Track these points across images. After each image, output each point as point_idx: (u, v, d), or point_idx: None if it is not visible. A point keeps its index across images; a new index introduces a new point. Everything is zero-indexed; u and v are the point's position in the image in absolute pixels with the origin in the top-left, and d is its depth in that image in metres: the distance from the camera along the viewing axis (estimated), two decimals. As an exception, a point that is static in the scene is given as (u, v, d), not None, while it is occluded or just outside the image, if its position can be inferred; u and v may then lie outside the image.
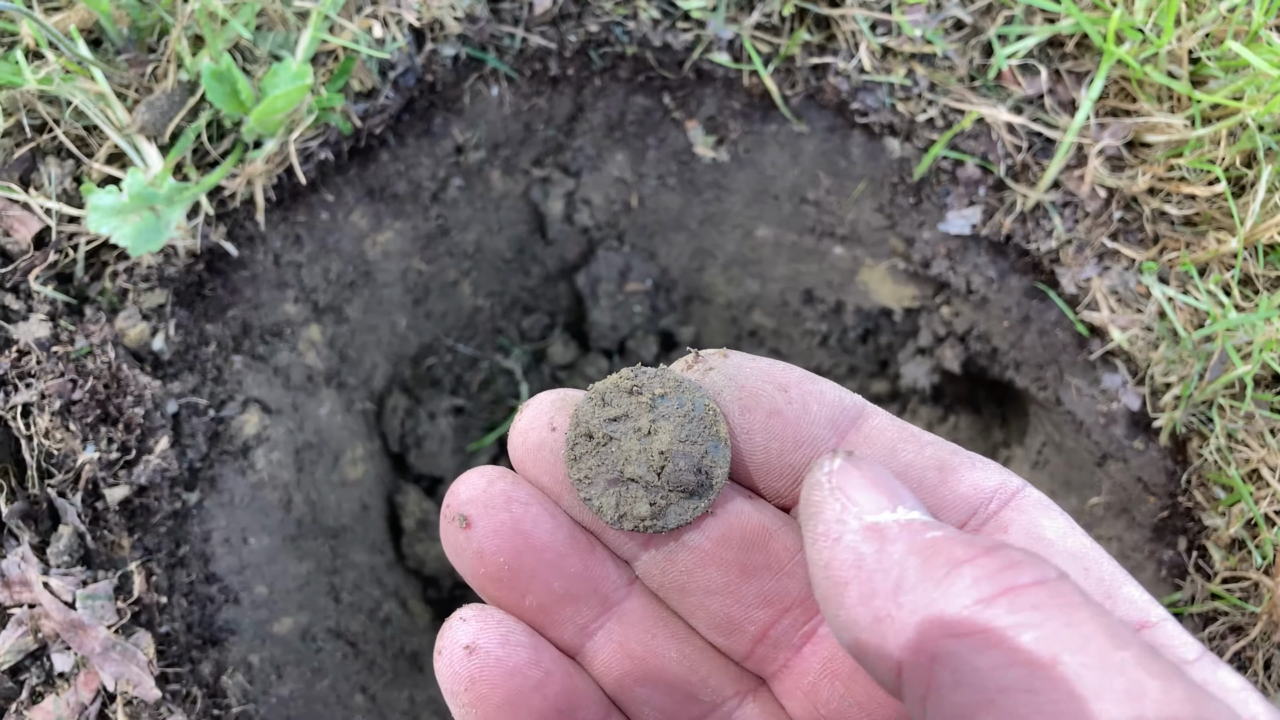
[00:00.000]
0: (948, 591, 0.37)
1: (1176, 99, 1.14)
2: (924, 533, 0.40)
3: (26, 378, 1.01)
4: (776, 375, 0.50)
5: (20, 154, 1.06)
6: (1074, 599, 0.36)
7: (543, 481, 0.52)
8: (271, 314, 1.23)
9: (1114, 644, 0.34)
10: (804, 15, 1.19)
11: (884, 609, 0.40)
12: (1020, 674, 0.35)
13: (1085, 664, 0.34)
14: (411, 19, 1.13)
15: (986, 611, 0.36)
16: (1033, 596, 0.36)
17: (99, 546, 1.04)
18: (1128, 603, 0.45)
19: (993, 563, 0.37)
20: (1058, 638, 0.35)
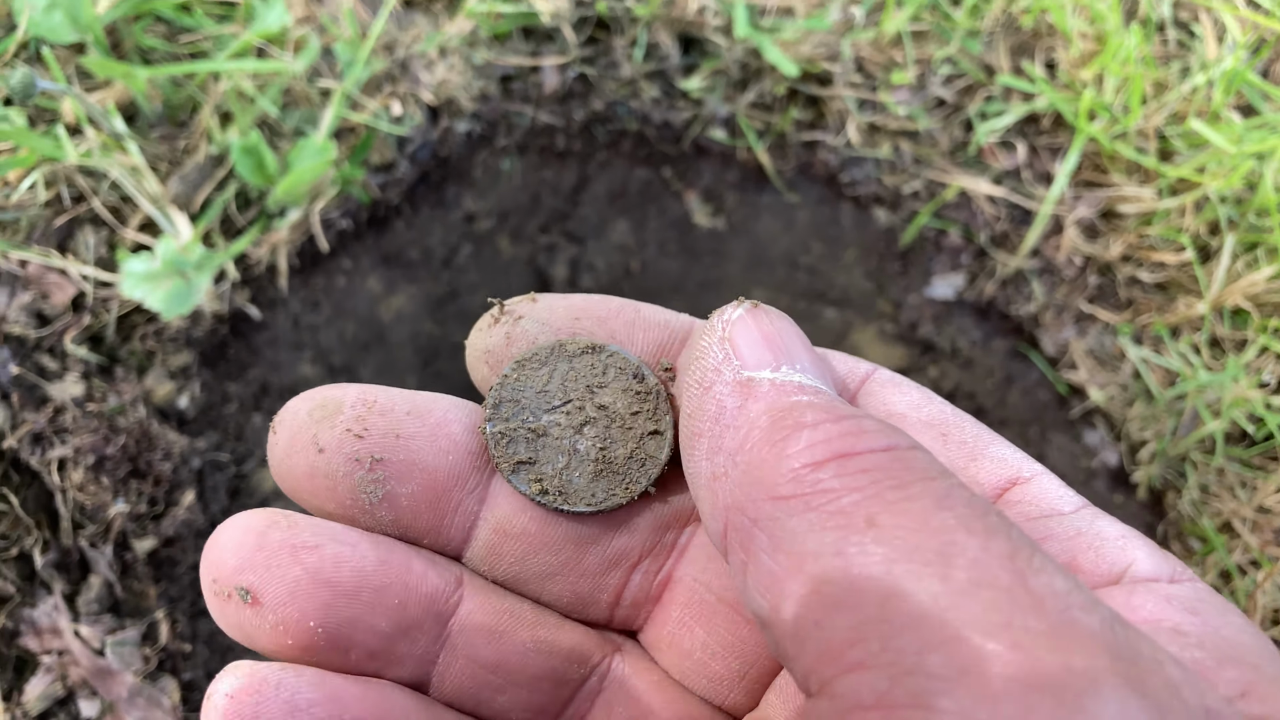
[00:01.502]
0: (782, 453, 0.35)
1: (1145, 172, 1.22)
2: (790, 395, 0.37)
3: (62, 433, 1.06)
4: (593, 308, 0.47)
5: (59, 223, 1.13)
6: (913, 465, 0.33)
7: (326, 508, 0.45)
8: (290, 374, 1.29)
9: (937, 506, 0.32)
10: (795, 94, 1.27)
11: (722, 466, 0.38)
12: (832, 538, 0.32)
13: (900, 526, 0.31)
14: (428, 98, 1.21)
15: (812, 475, 0.34)
16: (865, 462, 0.33)
17: (127, 596, 1.09)
18: (995, 461, 0.42)
19: (836, 428, 0.35)
20: (878, 500, 0.32)
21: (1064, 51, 1.23)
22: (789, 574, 0.33)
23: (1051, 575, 0.30)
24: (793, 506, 0.34)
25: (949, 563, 0.30)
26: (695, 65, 1.26)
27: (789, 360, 0.39)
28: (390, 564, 0.44)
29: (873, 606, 0.30)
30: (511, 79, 1.25)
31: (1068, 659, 0.28)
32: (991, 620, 0.29)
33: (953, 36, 1.24)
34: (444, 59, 1.21)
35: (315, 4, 1.21)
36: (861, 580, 0.31)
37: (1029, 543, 0.31)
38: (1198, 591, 0.36)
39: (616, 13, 1.24)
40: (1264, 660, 0.33)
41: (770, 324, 0.40)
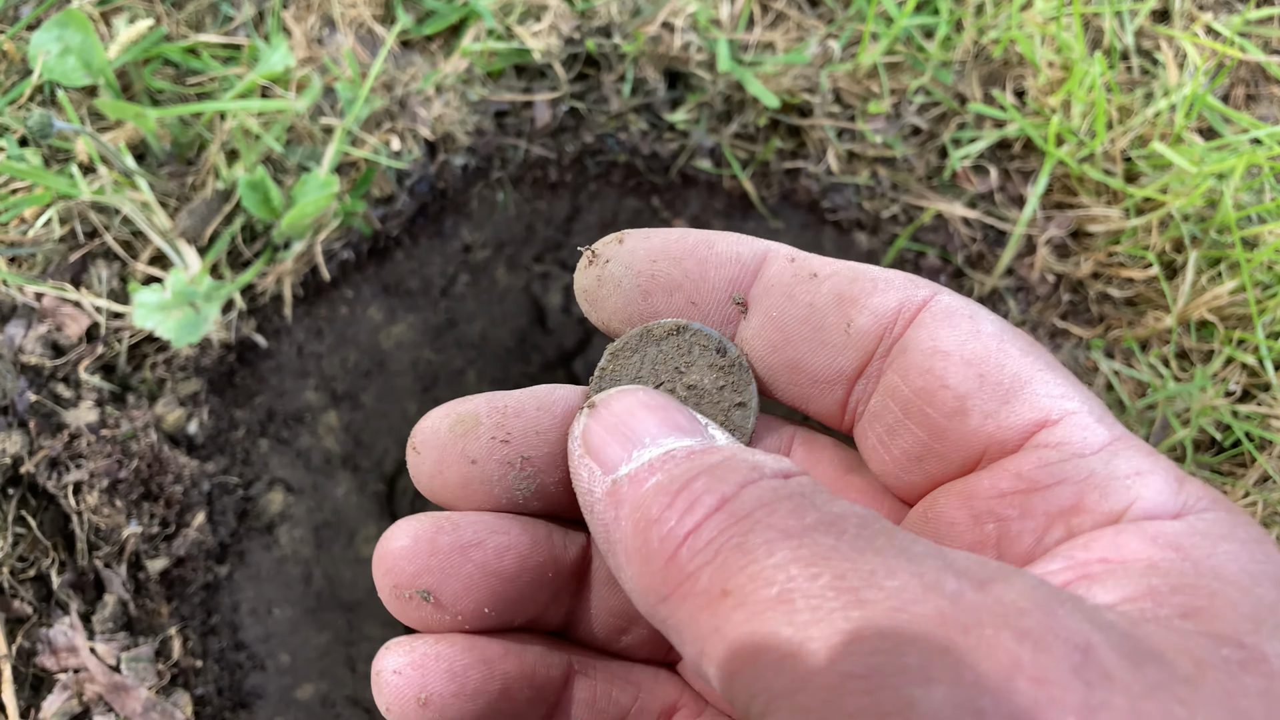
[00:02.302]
0: (648, 563, 0.37)
1: (1112, 193, 1.27)
2: (641, 486, 0.39)
3: (78, 458, 1.11)
4: (671, 248, 0.48)
5: (74, 258, 1.18)
6: (747, 513, 0.34)
7: (483, 509, 0.49)
8: (294, 401, 1.34)
9: (769, 551, 0.33)
10: (777, 125, 1.33)
11: (626, 584, 0.39)
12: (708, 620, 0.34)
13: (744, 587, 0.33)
14: (426, 133, 1.26)
15: (673, 569, 0.35)
16: (707, 531, 0.35)
17: (140, 614, 1.12)
18: (1027, 403, 0.41)
19: (676, 509, 0.36)
20: (724, 569, 0.34)
21: (1032, 80, 1.29)
22: (699, 660, 0.35)
23: (884, 578, 0.31)
24: (672, 605, 0.36)
25: (791, 604, 0.31)
26: (681, 99, 1.32)
27: (635, 444, 0.41)
28: (540, 543, 0.49)
29: (747, 664, 0.32)
30: (505, 114, 1.31)
31: (881, 660, 0.29)
32: (831, 643, 0.30)
33: (926, 67, 1.30)
34: (440, 96, 1.27)
35: (317, 45, 1.26)
36: (736, 646, 0.33)
37: (867, 544, 0.33)
38: (1194, 526, 0.36)
39: (605, 50, 1.29)
40: (1233, 589, 0.34)
41: (611, 415, 0.42)
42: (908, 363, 0.44)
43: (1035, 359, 0.42)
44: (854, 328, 0.45)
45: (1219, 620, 0.32)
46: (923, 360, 0.43)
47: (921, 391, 0.43)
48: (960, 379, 0.42)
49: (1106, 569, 0.35)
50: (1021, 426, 0.41)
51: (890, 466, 0.46)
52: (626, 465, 0.40)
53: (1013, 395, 0.41)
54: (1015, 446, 0.42)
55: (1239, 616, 0.32)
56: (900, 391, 0.44)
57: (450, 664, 0.46)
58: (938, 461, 0.44)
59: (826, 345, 0.46)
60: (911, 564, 0.32)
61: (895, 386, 0.44)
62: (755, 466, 0.37)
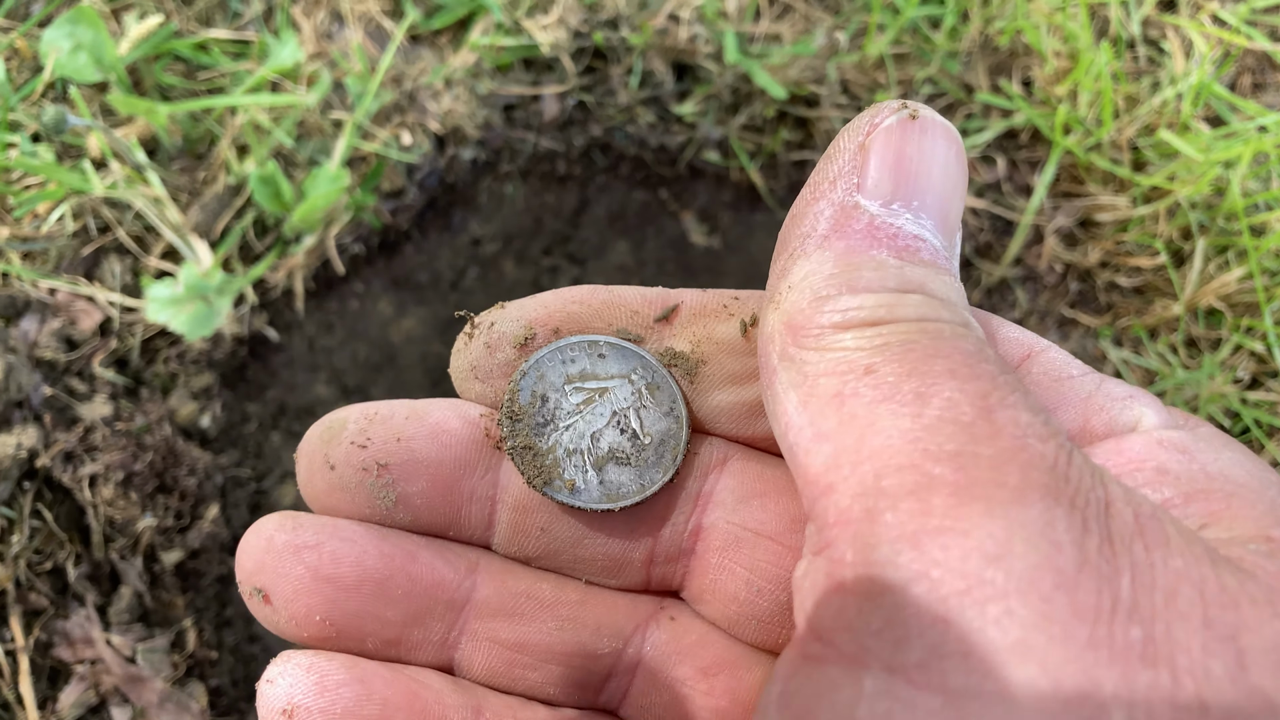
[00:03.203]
0: (819, 309, 0.37)
1: (1120, 182, 1.27)
2: (873, 246, 0.38)
3: (93, 451, 1.11)
4: (562, 301, 0.49)
5: (86, 252, 1.19)
6: (933, 330, 0.36)
7: (340, 509, 0.48)
8: (306, 395, 1.34)
9: (931, 355, 0.35)
10: (784, 116, 1.33)
11: (781, 290, 0.39)
12: (834, 383, 0.35)
13: (891, 372, 0.34)
14: (435, 127, 1.27)
15: (834, 335, 0.36)
16: (887, 330, 0.36)
17: (156, 606, 1.13)
18: (1008, 342, 0.43)
19: (876, 300, 0.36)
20: (880, 353, 0.35)
21: (1039, 69, 1.29)
22: (796, 408, 0.36)
23: (1018, 410, 0.33)
24: (809, 358, 0.36)
25: (924, 402, 0.33)
26: (688, 91, 1.33)
27: (906, 197, 0.38)
28: (392, 556, 0.47)
29: (851, 438, 0.34)
30: (514, 108, 1.31)
31: (1003, 477, 0.31)
32: (945, 449, 0.32)
33: (933, 58, 1.30)
34: (449, 90, 1.27)
35: (326, 40, 1.27)
36: (847, 416, 0.34)
37: (1011, 383, 0.34)
38: (1197, 435, 0.38)
39: (612, 43, 1.30)
40: (1247, 490, 0.35)
41: (914, 146, 0.38)
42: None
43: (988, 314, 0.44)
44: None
45: (1239, 523, 0.33)
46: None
47: None
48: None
49: (1118, 475, 0.36)
50: (1014, 356, 0.42)
51: None
52: (882, 206, 0.38)
53: (992, 335, 0.43)
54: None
55: (1259, 514, 0.33)
56: None
57: (321, 679, 0.45)
58: None
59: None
60: (1045, 416, 0.34)
61: None
62: (965, 321, 0.37)
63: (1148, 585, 0.29)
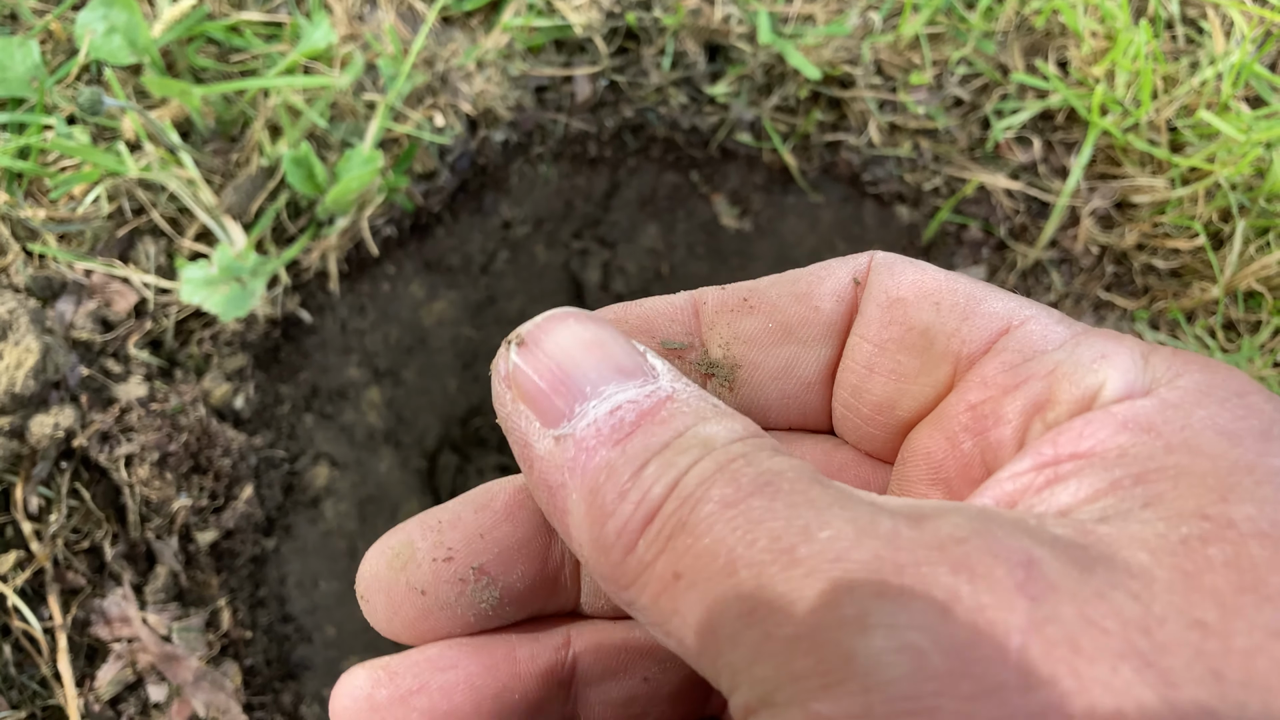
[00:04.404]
0: (607, 556, 0.36)
1: (1157, 163, 1.26)
2: (593, 458, 0.36)
3: (128, 432, 1.12)
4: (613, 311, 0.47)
5: (121, 234, 1.19)
6: (692, 494, 0.34)
7: (454, 635, 0.46)
8: (338, 377, 1.35)
9: (708, 531, 0.33)
10: (818, 97, 1.32)
11: (584, 559, 0.38)
12: (666, 605, 0.34)
13: (692, 568, 0.33)
14: (467, 109, 1.26)
15: (632, 560, 0.35)
16: (661, 522, 0.34)
17: (191, 585, 1.14)
18: (986, 316, 0.41)
19: (630, 500, 0.35)
20: (671, 554, 0.34)
21: (1075, 50, 1.28)
22: (666, 642, 0.35)
23: (818, 530, 0.31)
24: (634, 592, 0.35)
25: (735, 576, 0.31)
26: (721, 71, 1.32)
27: (577, 396, 0.37)
28: (497, 666, 0.44)
29: (708, 643, 0.32)
30: (545, 89, 1.31)
31: (820, 616, 0.29)
32: (775, 607, 0.30)
33: (968, 38, 1.29)
34: (482, 71, 1.27)
35: (358, 22, 1.27)
36: (695, 626, 0.33)
37: (801, 499, 0.32)
38: (1166, 401, 0.35)
39: (645, 23, 1.29)
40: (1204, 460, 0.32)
41: (546, 359, 0.38)
42: (866, 320, 0.44)
43: (986, 285, 0.42)
44: (822, 314, 0.44)
45: (1182, 499, 0.31)
46: (880, 313, 0.43)
47: (886, 342, 0.43)
48: (918, 314, 0.42)
49: (1074, 466, 0.34)
50: (983, 338, 0.41)
51: (864, 427, 0.46)
52: (569, 424, 0.37)
53: (970, 312, 0.41)
54: (977, 358, 0.41)
55: (1205, 489, 0.31)
56: (862, 350, 0.44)
57: None
58: (910, 402, 0.43)
59: (807, 343, 0.45)
60: (845, 511, 0.31)
61: (856, 347, 0.44)
62: (705, 442, 0.35)
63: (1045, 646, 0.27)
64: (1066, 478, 0.34)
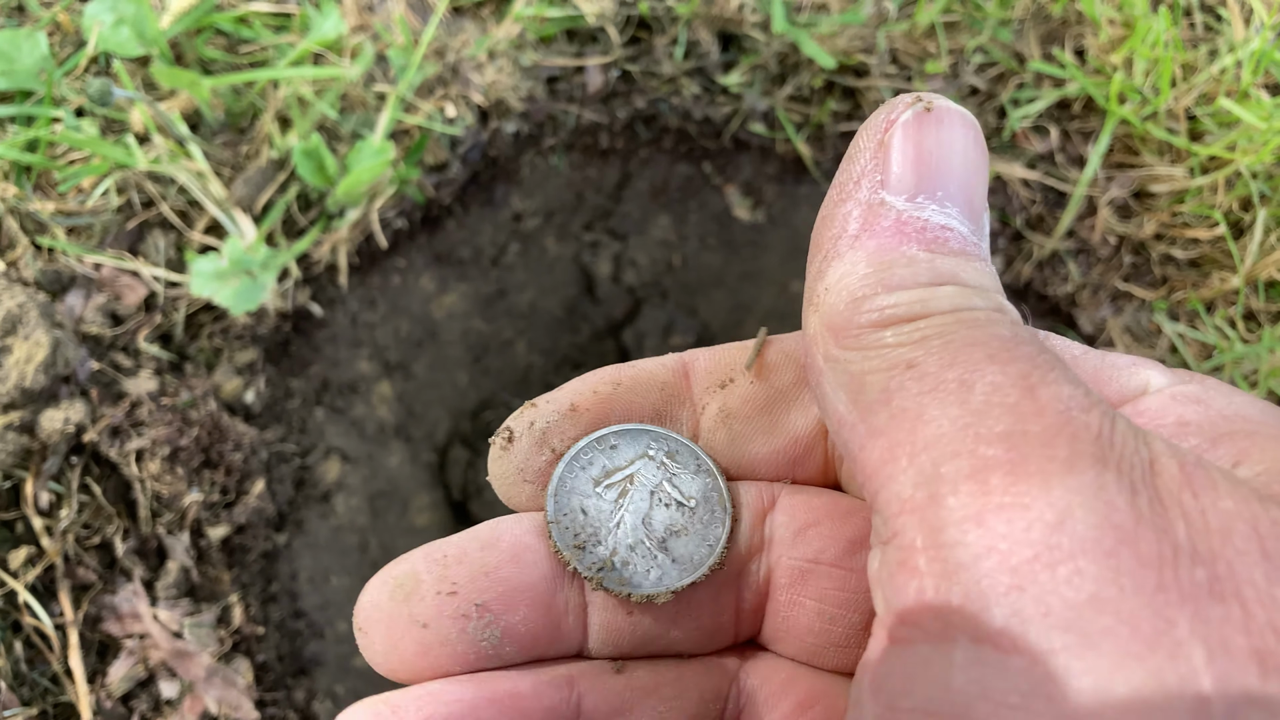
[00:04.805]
0: (857, 309, 0.37)
1: (1176, 152, 1.25)
2: (903, 241, 0.38)
3: (139, 426, 1.11)
4: (585, 388, 0.49)
5: (130, 227, 1.18)
6: (970, 319, 0.36)
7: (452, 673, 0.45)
8: (348, 371, 1.34)
9: (969, 343, 0.35)
10: (832, 87, 1.31)
11: (819, 295, 0.40)
12: (879, 380, 0.36)
13: (932, 363, 0.35)
14: (479, 99, 1.25)
15: (874, 334, 0.37)
16: (925, 324, 0.36)
17: (202, 581, 1.13)
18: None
19: (910, 296, 0.37)
20: (920, 347, 0.36)
21: (1093, 37, 1.26)
22: (847, 407, 0.37)
23: (1059, 385, 0.33)
24: (852, 358, 0.37)
25: (969, 389, 0.34)
26: (734, 61, 1.31)
27: (931, 189, 0.39)
28: (501, 702, 0.44)
29: (903, 431, 0.35)
30: (557, 80, 1.30)
31: (1053, 450, 0.32)
32: (995, 431, 0.33)
33: (984, 26, 1.27)
34: (493, 62, 1.26)
35: (368, 13, 1.26)
36: (897, 411, 0.35)
37: (1049, 361, 0.35)
38: (1206, 385, 0.39)
39: (658, 12, 1.28)
40: (1266, 427, 0.36)
41: (933, 138, 0.39)
42: None
43: None
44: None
45: (1266, 456, 0.34)
46: None
47: None
48: None
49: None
50: None
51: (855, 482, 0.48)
52: (907, 200, 0.39)
53: None
54: None
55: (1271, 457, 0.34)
56: None
57: None
58: None
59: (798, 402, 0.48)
60: (1084, 388, 0.34)
61: None
62: (1000, 305, 0.38)
63: (1202, 529, 0.30)
64: None
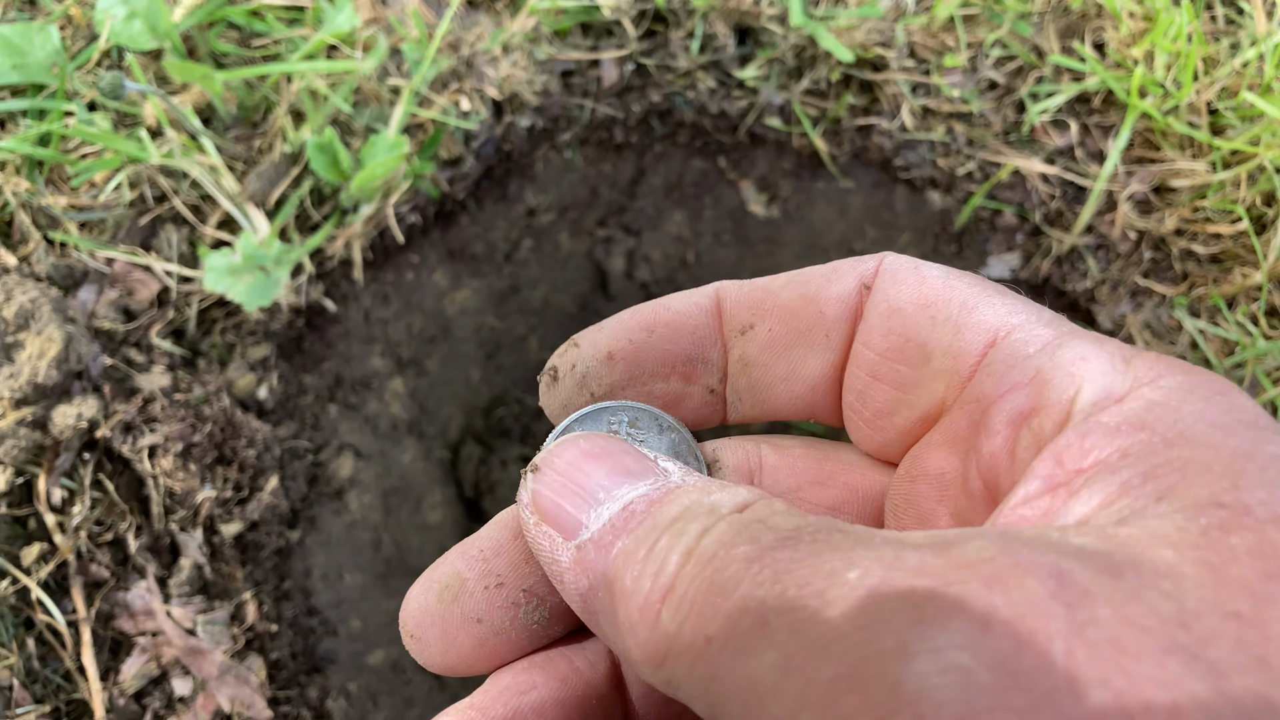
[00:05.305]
0: (644, 648, 0.35)
1: (1198, 146, 1.23)
2: (612, 565, 0.37)
3: (152, 422, 1.10)
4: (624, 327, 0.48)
5: (143, 222, 1.17)
6: (716, 568, 0.34)
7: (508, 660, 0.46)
8: (361, 367, 1.33)
9: (726, 593, 0.33)
10: (849, 80, 1.30)
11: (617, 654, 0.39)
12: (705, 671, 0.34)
13: (718, 638, 0.33)
14: (493, 93, 1.24)
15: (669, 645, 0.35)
16: (682, 598, 0.34)
17: (215, 578, 1.12)
18: (976, 328, 0.41)
19: (654, 585, 0.35)
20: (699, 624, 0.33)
21: (1113, 31, 1.25)
22: (710, 714, 0.34)
23: (845, 572, 0.31)
24: (669, 668, 0.35)
25: (767, 628, 0.31)
26: (751, 55, 1.30)
27: (591, 502, 0.39)
28: (569, 679, 0.45)
29: (751, 703, 0.31)
30: (572, 74, 1.29)
31: (861, 652, 0.29)
32: (811, 653, 0.30)
33: (1003, 20, 1.26)
34: (508, 56, 1.25)
35: (381, 6, 1.25)
36: (733, 688, 0.32)
37: (825, 546, 0.32)
38: (1156, 395, 0.35)
39: (674, 5, 1.27)
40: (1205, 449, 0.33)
41: (558, 474, 0.40)
42: (868, 329, 0.45)
43: (982, 289, 0.43)
44: (826, 320, 0.46)
45: (1194, 489, 0.32)
46: (881, 323, 0.44)
47: (886, 352, 0.44)
48: (915, 327, 0.43)
49: (1083, 479, 0.35)
50: (975, 352, 0.42)
51: (867, 431, 0.47)
52: (587, 530, 0.38)
53: (962, 324, 0.42)
54: (972, 373, 0.42)
55: (1214, 477, 0.32)
56: (865, 357, 0.45)
57: None
58: (909, 411, 0.44)
59: (814, 347, 0.47)
60: (870, 550, 0.31)
61: (860, 354, 0.45)
62: (711, 509, 0.36)
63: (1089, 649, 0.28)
64: (1078, 490, 0.34)
